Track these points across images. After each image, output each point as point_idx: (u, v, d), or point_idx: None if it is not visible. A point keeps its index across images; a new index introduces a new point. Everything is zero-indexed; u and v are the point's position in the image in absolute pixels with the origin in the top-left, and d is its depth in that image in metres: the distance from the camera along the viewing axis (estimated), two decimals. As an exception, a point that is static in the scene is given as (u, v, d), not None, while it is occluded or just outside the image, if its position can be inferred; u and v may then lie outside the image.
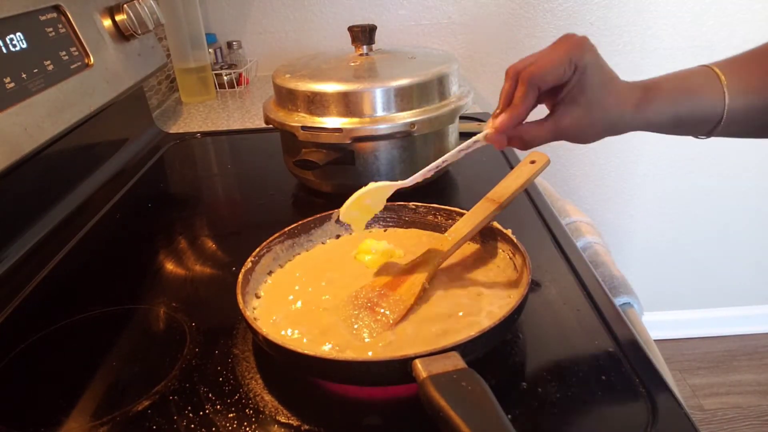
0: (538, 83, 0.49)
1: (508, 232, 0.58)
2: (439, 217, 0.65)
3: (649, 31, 1.54)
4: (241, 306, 0.51)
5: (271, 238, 0.61)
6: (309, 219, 0.65)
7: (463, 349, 0.43)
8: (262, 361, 0.52)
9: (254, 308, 0.55)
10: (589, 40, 0.50)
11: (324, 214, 0.65)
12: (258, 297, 0.57)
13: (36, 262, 0.72)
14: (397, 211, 0.67)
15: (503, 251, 0.59)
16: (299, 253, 0.64)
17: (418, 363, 0.41)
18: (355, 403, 0.48)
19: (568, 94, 0.50)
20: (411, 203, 0.66)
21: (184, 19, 1.28)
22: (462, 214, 0.63)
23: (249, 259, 0.57)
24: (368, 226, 0.67)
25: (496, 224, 0.60)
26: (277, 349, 0.46)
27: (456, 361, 0.41)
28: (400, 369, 0.42)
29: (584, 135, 0.51)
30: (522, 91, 0.49)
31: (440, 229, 0.65)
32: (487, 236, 0.61)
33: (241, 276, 0.54)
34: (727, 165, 1.70)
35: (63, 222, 0.81)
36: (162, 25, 1.14)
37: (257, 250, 0.59)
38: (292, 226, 0.63)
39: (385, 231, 0.67)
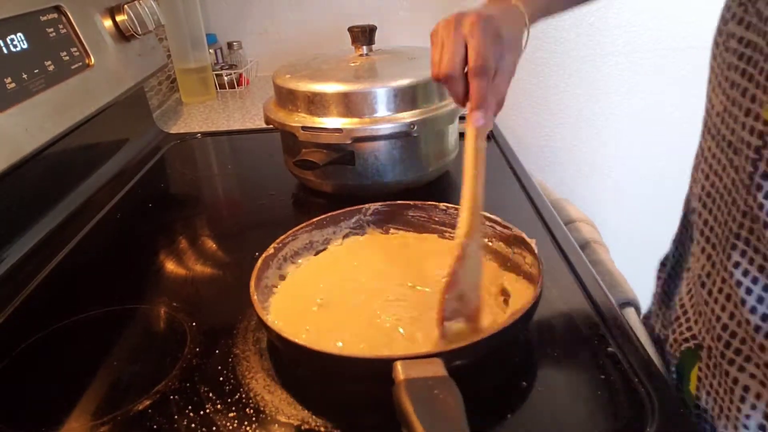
0: (458, 76, 0.52)
1: (532, 242, 0.55)
2: None
3: (648, 32, 1.54)
4: (252, 292, 0.51)
5: (297, 228, 0.61)
6: (339, 211, 0.65)
7: (447, 356, 0.42)
8: (263, 360, 0.52)
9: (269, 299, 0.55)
10: (455, 18, 0.52)
11: (354, 207, 0.66)
12: (275, 288, 0.57)
13: (37, 261, 0.72)
14: (427, 211, 0.66)
15: (519, 256, 0.58)
16: (316, 253, 0.63)
17: (398, 365, 0.40)
18: (355, 403, 0.48)
19: None
20: (441, 204, 0.65)
21: (184, 20, 1.28)
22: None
23: (272, 245, 0.58)
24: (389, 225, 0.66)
25: (520, 233, 0.57)
26: (286, 343, 0.46)
27: (436, 368, 0.40)
28: (384, 369, 0.41)
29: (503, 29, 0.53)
30: (451, 89, 0.53)
31: None
32: (512, 244, 0.59)
33: (260, 261, 0.55)
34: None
35: (64, 222, 0.81)
36: (162, 26, 1.14)
37: (282, 237, 0.59)
38: (321, 217, 0.64)
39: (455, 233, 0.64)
